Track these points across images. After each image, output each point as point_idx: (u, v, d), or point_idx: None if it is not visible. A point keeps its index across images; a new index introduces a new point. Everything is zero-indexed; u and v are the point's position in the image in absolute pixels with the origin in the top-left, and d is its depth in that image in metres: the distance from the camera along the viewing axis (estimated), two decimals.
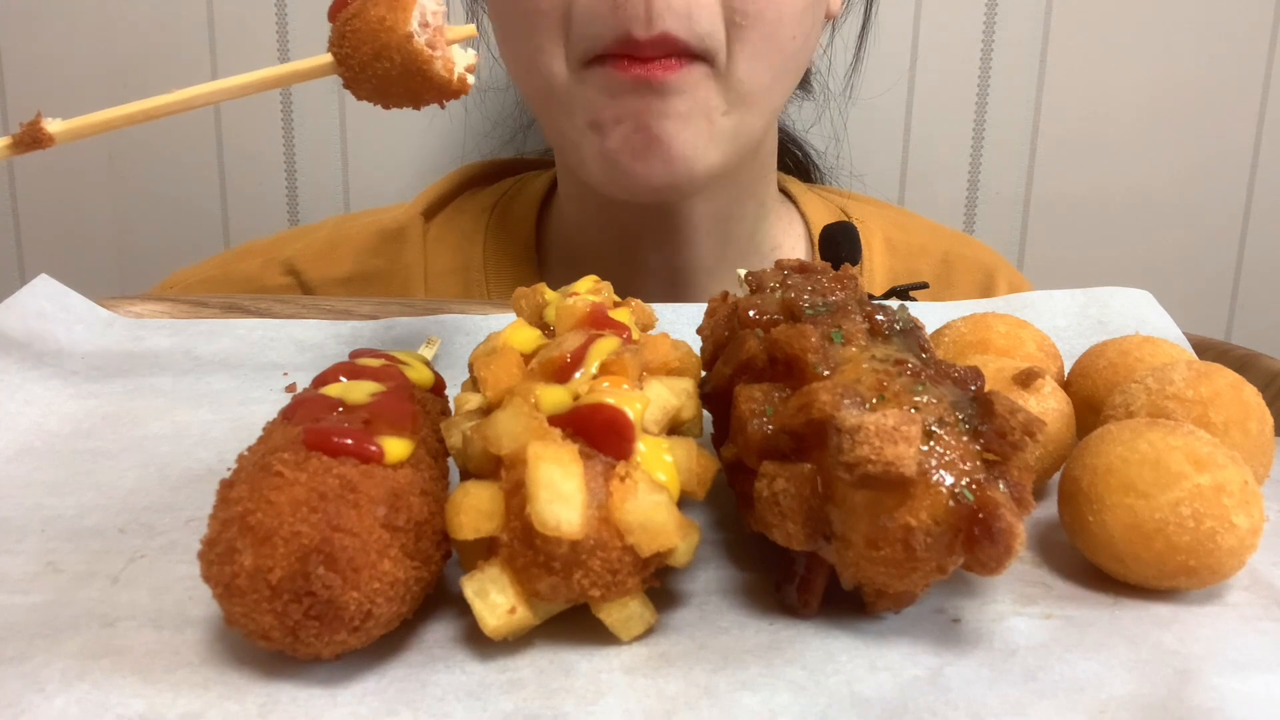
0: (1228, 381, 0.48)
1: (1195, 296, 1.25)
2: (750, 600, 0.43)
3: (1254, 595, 0.43)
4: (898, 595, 0.39)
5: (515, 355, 0.45)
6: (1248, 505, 0.41)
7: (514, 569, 0.38)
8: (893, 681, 0.38)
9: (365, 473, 0.38)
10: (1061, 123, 1.20)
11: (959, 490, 0.37)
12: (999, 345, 0.55)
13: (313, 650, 0.36)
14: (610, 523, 0.38)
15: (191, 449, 0.56)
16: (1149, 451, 0.42)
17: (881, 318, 0.44)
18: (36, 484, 0.52)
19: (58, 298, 0.68)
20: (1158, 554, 0.41)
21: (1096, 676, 0.38)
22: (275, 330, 0.70)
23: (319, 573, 0.35)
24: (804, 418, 0.39)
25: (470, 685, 0.37)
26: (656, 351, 0.45)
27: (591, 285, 0.53)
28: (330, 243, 0.95)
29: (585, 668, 0.38)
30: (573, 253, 0.94)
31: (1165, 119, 1.19)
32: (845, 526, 0.38)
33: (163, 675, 0.37)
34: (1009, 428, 0.38)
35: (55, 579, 0.43)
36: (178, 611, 0.41)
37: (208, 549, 0.37)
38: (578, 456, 0.38)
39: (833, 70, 1.07)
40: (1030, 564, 0.46)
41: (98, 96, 1.18)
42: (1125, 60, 1.18)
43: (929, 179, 1.22)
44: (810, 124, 1.14)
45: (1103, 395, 0.53)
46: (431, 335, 0.69)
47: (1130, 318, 0.70)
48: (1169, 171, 1.21)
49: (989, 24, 1.17)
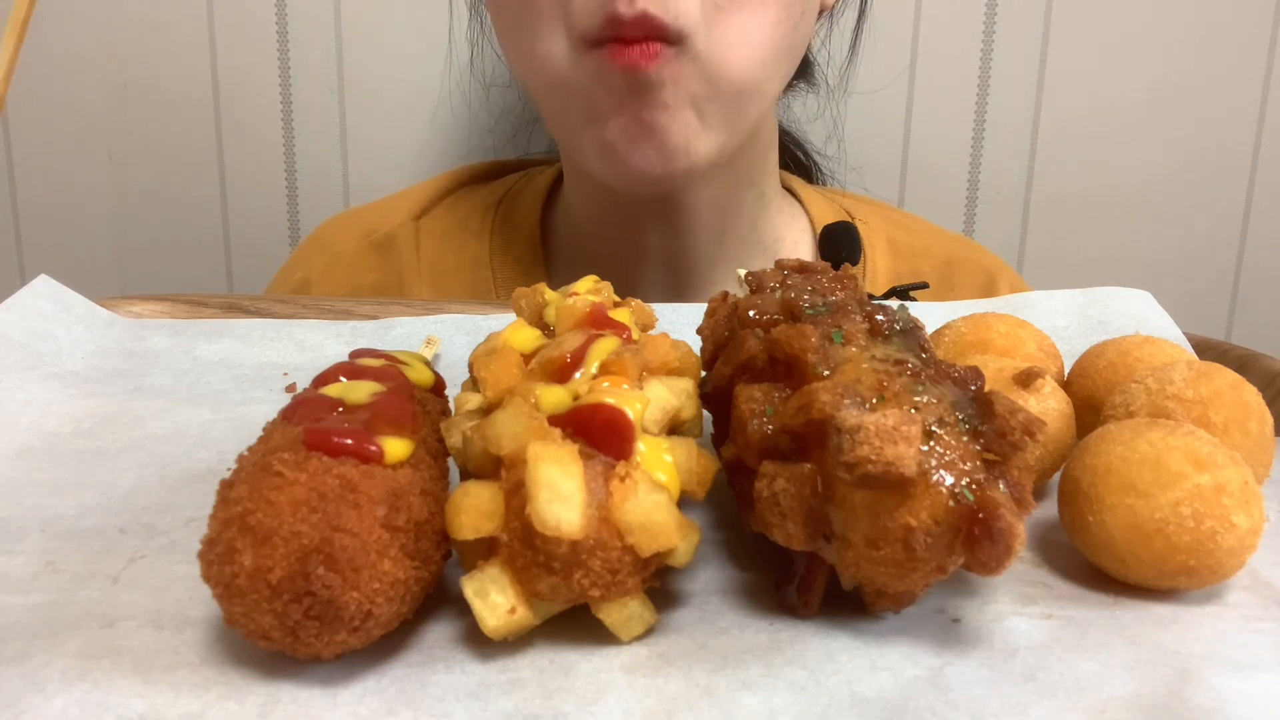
0: (1228, 381, 0.48)
1: (1195, 296, 1.25)
2: (750, 600, 0.43)
3: (1254, 595, 0.43)
4: (898, 595, 0.39)
5: (515, 355, 0.45)
6: (1248, 505, 0.41)
7: (514, 569, 0.38)
8: (893, 681, 0.38)
9: (365, 473, 0.38)
10: (1062, 120, 1.20)
11: (959, 490, 0.37)
12: (999, 345, 0.55)
13: (313, 650, 0.36)
14: (610, 523, 0.38)
15: (191, 449, 0.56)
16: (1149, 451, 0.42)
17: (881, 318, 0.44)
18: (36, 484, 0.52)
19: (58, 298, 0.68)
20: (1158, 554, 0.41)
21: (1096, 676, 0.38)
22: (275, 330, 0.70)
23: (319, 573, 0.35)
24: (804, 418, 0.39)
25: (470, 685, 0.37)
26: (656, 351, 0.45)
27: (591, 285, 0.53)
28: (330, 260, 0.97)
29: (585, 668, 0.38)
30: (577, 244, 0.94)
31: (1166, 116, 1.19)
32: (845, 526, 0.38)
33: (163, 675, 0.37)
34: (1009, 428, 0.38)
35: (55, 579, 0.43)
36: (178, 611, 0.41)
37: (208, 549, 0.37)
38: (578, 456, 0.38)
39: (832, 63, 1.07)
40: (1030, 564, 0.46)
41: (98, 96, 1.19)
42: (1126, 57, 1.18)
43: (929, 175, 1.22)
44: (813, 117, 1.14)
45: (1103, 395, 0.53)
46: (431, 335, 0.69)
47: (1130, 318, 0.70)
48: (1170, 170, 1.21)
49: (989, 20, 1.17)
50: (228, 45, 1.18)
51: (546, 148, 1.14)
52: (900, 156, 1.21)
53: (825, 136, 1.16)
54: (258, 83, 1.19)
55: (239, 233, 1.23)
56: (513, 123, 1.16)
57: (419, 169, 1.19)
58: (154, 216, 1.23)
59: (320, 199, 1.22)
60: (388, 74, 1.18)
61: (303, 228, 1.23)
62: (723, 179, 0.86)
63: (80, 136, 1.20)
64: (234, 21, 1.17)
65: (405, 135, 1.20)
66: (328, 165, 1.21)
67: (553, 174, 0.98)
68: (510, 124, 1.16)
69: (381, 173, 1.20)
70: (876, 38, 1.07)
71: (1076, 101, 1.19)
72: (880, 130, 1.20)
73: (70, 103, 1.19)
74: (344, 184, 1.22)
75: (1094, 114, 1.19)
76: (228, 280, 1.25)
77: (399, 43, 1.17)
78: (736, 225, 0.90)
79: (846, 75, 1.09)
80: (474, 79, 1.14)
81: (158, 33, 1.18)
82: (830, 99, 1.11)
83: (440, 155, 1.20)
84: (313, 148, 1.21)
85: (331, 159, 1.21)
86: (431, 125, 1.19)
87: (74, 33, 1.17)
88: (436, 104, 1.17)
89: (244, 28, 1.17)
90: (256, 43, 1.18)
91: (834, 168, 1.17)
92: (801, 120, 1.15)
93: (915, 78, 1.19)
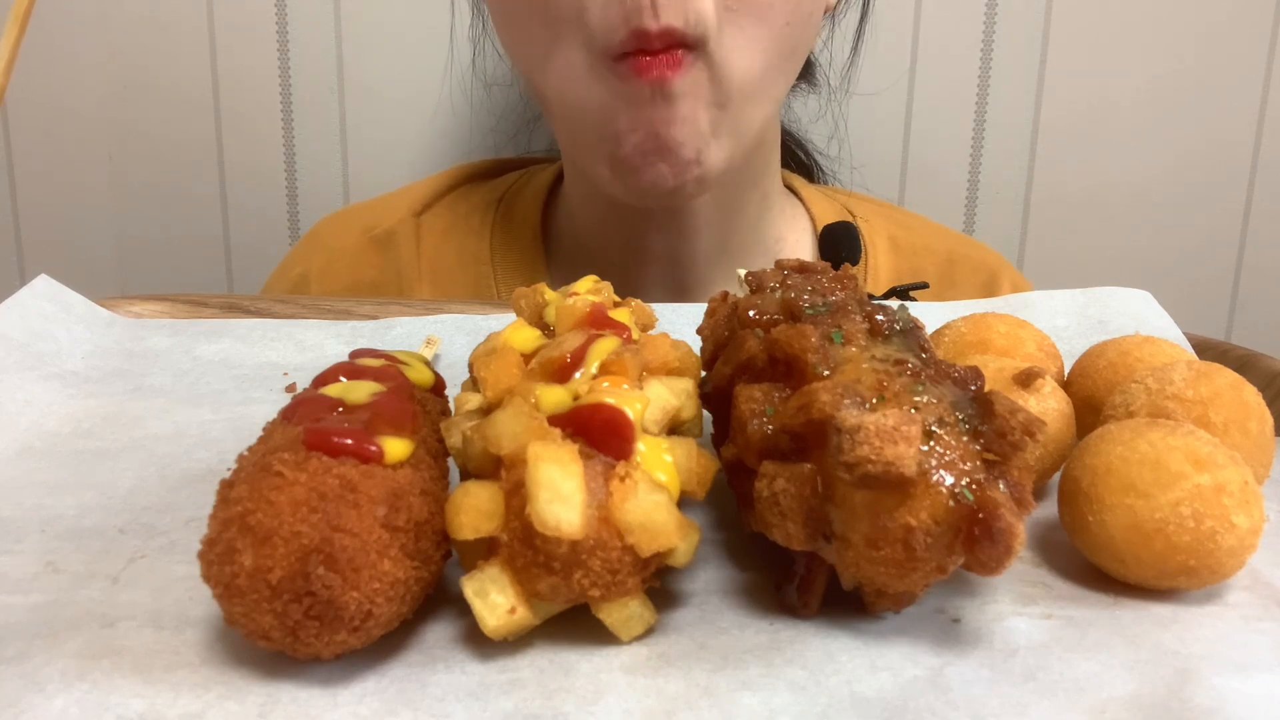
0: (1228, 381, 0.48)
1: (1195, 296, 1.25)
2: (750, 600, 0.43)
3: (1254, 595, 0.43)
4: (898, 595, 0.39)
5: (515, 355, 0.45)
6: (1248, 505, 0.41)
7: (514, 569, 0.38)
8: (893, 681, 0.38)
9: (365, 473, 0.38)
10: (1062, 120, 1.20)
11: (959, 490, 0.37)
12: (999, 345, 0.55)
13: (313, 650, 0.36)
14: (610, 523, 0.38)
15: (191, 449, 0.56)
16: (1149, 451, 0.42)
17: (881, 318, 0.44)
18: (36, 484, 0.52)
19: (58, 298, 0.68)
20: (1158, 554, 0.41)
21: (1096, 676, 0.38)
22: (275, 330, 0.70)
23: (319, 573, 0.35)
24: (804, 418, 0.39)
25: (470, 685, 0.37)
26: (656, 351, 0.45)
27: (591, 285, 0.53)
28: (328, 258, 0.96)
29: (585, 668, 0.38)
30: (578, 243, 0.94)
31: (1166, 116, 1.19)
32: (845, 526, 0.38)
33: (163, 675, 0.37)
34: (1009, 428, 0.38)
35: (55, 579, 0.43)
36: (178, 611, 0.41)
37: (208, 549, 0.37)
38: (578, 456, 0.38)
39: (834, 64, 1.07)
40: (1030, 564, 0.46)
41: (98, 96, 1.19)
42: (1126, 57, 1.18)
43: (929, 175, 1.22)
44: (815, 118, 1.14)
45: (1103, 395, 0.52)
46: (431, 335, 0.69)
47: (1130, 317, 0.70)
48: (1170, 169, 1.21)
49: (989, 20, 1.17)
50: (228, 45, 1.18)
51: (547, 146, 1.14)
52: (901, 156, 1.21)
53: (827, 137, 1.16)
54: (258, 82, 1.19)
55: (239, 232, 1.23)
56: (514, 122, 1.16)
57: (419, 168, 1.19)
58: (154, 216, 1.23)
59: (320, 198, 1.22)
60: (388, 74, 1.18)
61: (302, 227, 1.23)
62: (728, 180, 0.86)
63: (80, 136, 1.20)
64: (234, 21, 1.17)
65: (405, 135, 1.20)
66: (328, 165, 1.21)
67: (553, 172, 0.98)
68: (512, 123, 1.16)
69: (381, 172, 1.20)
70: (877, 38, 1.07)
71: (1076, 101, 1.19)
72: (881, 130, 1.20)
73: (70, 103, 1.19)
74: (344, 183, 1.22)
75: (1094, 114, 1.19)
76: (228, 280, 1.25)
77: (399, 42, 1.17)
78: (739, 226, 0.90)
79: (848, 76, 1.09)
80: (475, 78, 1.14)
81: (158, 33, 1.18)
82: (832, 99, 1.11)
83: (441, 154, 1.20)
84: (313, 147, 1.21)
85: (331, 158, 1.21)
86: (432, 124, 1.19)
87: (74, 33, 1.17)
88: (437, 103, 1.17)
89: (244, 28, 1.17)
90: (256, 43, 1.18)
91: (835, 168, 1.17)
92: (803, 120, 1.15)
93: (916, 78, 1.19)
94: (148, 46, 1.18)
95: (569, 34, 0.75)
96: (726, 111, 0.76)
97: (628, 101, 0.74)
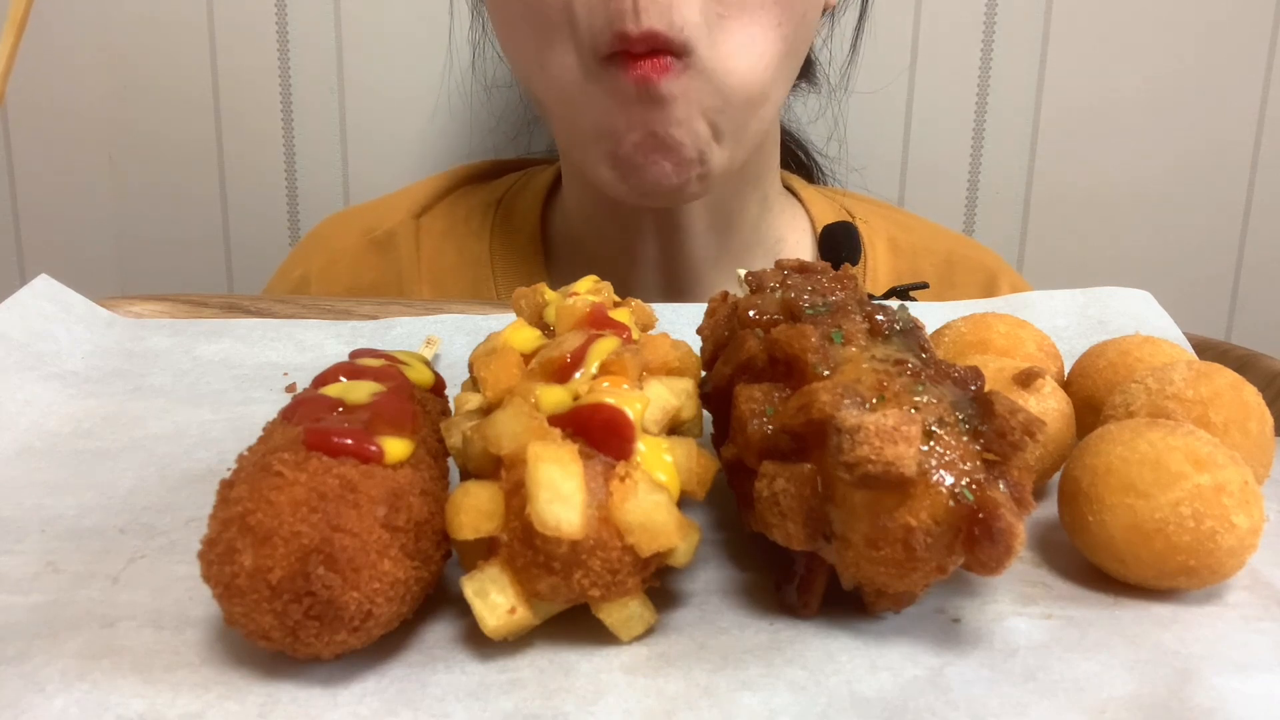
0: (1228, 381, 0.48)
1: (1195, 296, 1.25)
2: (750, 600, 0.43)
3: (1254, 595, 0.43)
4: (898, 595, 0.39)
5: (515, 355, 0.45)
6: (1248, 505, 0.41)
7: (514, 569, 0.38)
8: (893, 681, 0.38)
9: (365, 473, 0.38)
10: (1062, 120, 1.20)
11: (959, 490, 0.37)
12: (999, 345, 0.55)
13: (313, 650, 0.36)
14: (610, 523, 0.38)
15: (191, 449, 0.56)
16: (1149, 451, 0.42)
17: (881, 318, 0.44)
18: (36, 484, 0.52)
19: (58, 298, 0.68)
20: (1158, 554, 0.41)
21: (1096, 676, 0.38)
22: (275, 330, 0.70)
23: (319, 573, 0.35)
24: (804, 418, 0.39)
25: (470, 685, 0.37)
26: (656, 351, 0.45)
27: (591, 285, 0.53)
28: (329, 259, 0.97)
29: (585, 668, 0.38)
30: (578, 245, 0.94)
31: (1166, 116, 1.19)
32: (845, 526, 0.38)
33: (163, 675, 0.37)
34: (1009, 428, 0.38)
35: (55, 579, 0.43)
36: (178, 611, 0.41)
37: (208, 549, 0.37)
38: (578, 456, 0.38)
39: (833, 62, 1.07)
40: (1030, 564, 0.46)
41: (98, 96, 1.19)
42: (1126, 57, 1.18)
43: (929, 175, 1.22)
44: (814, 117, 1.14)
45: (1103, 395, 0.53)
46: (431, 335, 0.69)
47: (1130, 318, 0.70)
48: (1170, 169, 1.21)
49: (989, 20, 1.17)
50: (228, 45, 1.18)
51: (546, 148, 1.14)
52: (901, 156, 1.21)
53: (827, 137, 1.16)
54: (258, 82, 1.19)
55: (239, 232, 1.23)
56: (514, 123, 1.16)
57: (419, 169, 1.19)
58: (154, 216, 1.23)
59: (320, 199, 1.22)
60: (388, 74, 1.18)
61: (302, 227, 1.23)
62: (729, 182, 0.86)
63: (80, 136, 1.20)
64: (234, 21, 1.17)
65: (405, 135, 1.20)
66: (328, 165, 1.21)
67: (552, 173, 0.98)
68: (511, 124, 1.16)
69: (381, 173, 1.20)
70: (877, 37, 1.07)
71: (1076, 101, 1.19)
72: (881, 130, 1.20)
73: (70, 103, 1.19)
74: (344, 184, 1.22)
75: (1094, 114, 1.19)
76: (228, 280, 1.25)
77: (399, 43, 1.17)
78: (739, 227, 0.90)
79: (847, 74, 1.09)
80: (475, 79, 1.14)
81: (158, 33, 1.18)
82: (831, 99, 1.11)
83: (440, 155, 1.20)
84: (313, 147, 1.21)
85: (331, 159, 1.21)
86: (431, 125, 1.19)
87: (74, 33, 1.17)
88: (436, 104, 1.17)
89: (244, 28, 1.17)
90: (256, 43, 1.18)
91: (835, 168, 1.17)
92: (803, 120, 1.15)
93: (915, 77, 1.19)
94: (148, 46, 1.18)
95: (560, 37, 0.75)
96: (727, 116, 0.76)
97: (621, 101, 0.74)
